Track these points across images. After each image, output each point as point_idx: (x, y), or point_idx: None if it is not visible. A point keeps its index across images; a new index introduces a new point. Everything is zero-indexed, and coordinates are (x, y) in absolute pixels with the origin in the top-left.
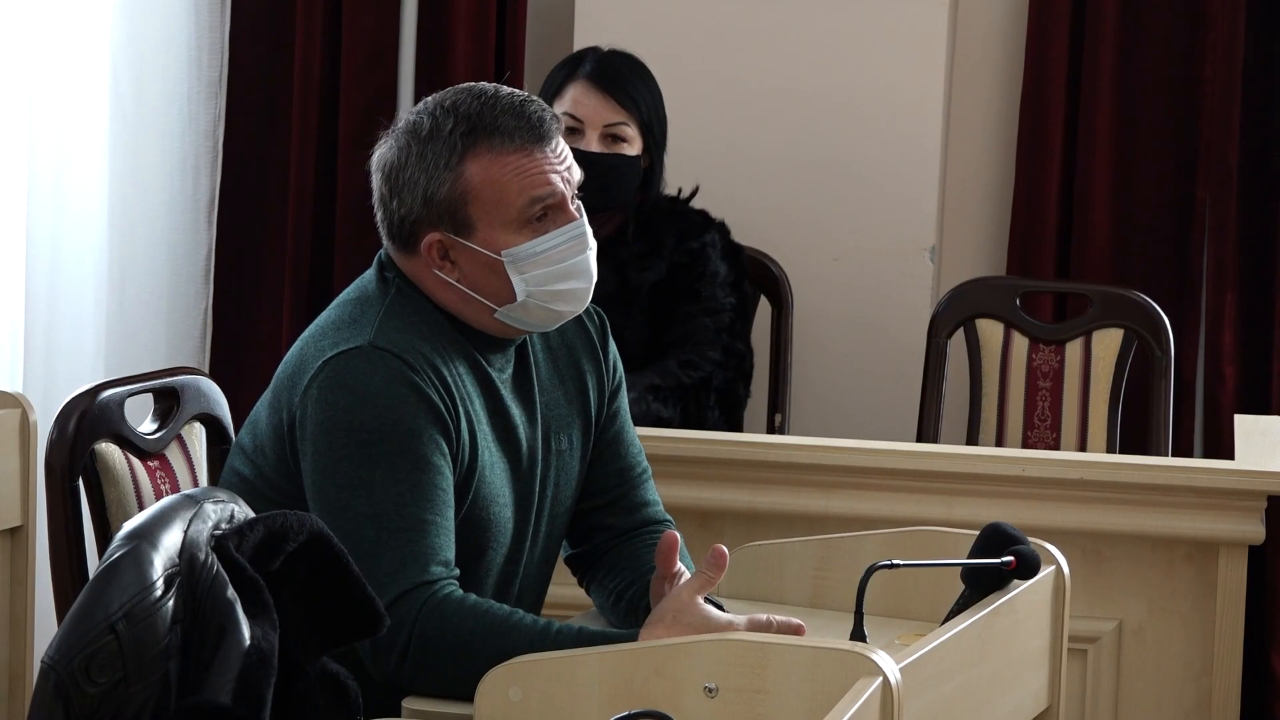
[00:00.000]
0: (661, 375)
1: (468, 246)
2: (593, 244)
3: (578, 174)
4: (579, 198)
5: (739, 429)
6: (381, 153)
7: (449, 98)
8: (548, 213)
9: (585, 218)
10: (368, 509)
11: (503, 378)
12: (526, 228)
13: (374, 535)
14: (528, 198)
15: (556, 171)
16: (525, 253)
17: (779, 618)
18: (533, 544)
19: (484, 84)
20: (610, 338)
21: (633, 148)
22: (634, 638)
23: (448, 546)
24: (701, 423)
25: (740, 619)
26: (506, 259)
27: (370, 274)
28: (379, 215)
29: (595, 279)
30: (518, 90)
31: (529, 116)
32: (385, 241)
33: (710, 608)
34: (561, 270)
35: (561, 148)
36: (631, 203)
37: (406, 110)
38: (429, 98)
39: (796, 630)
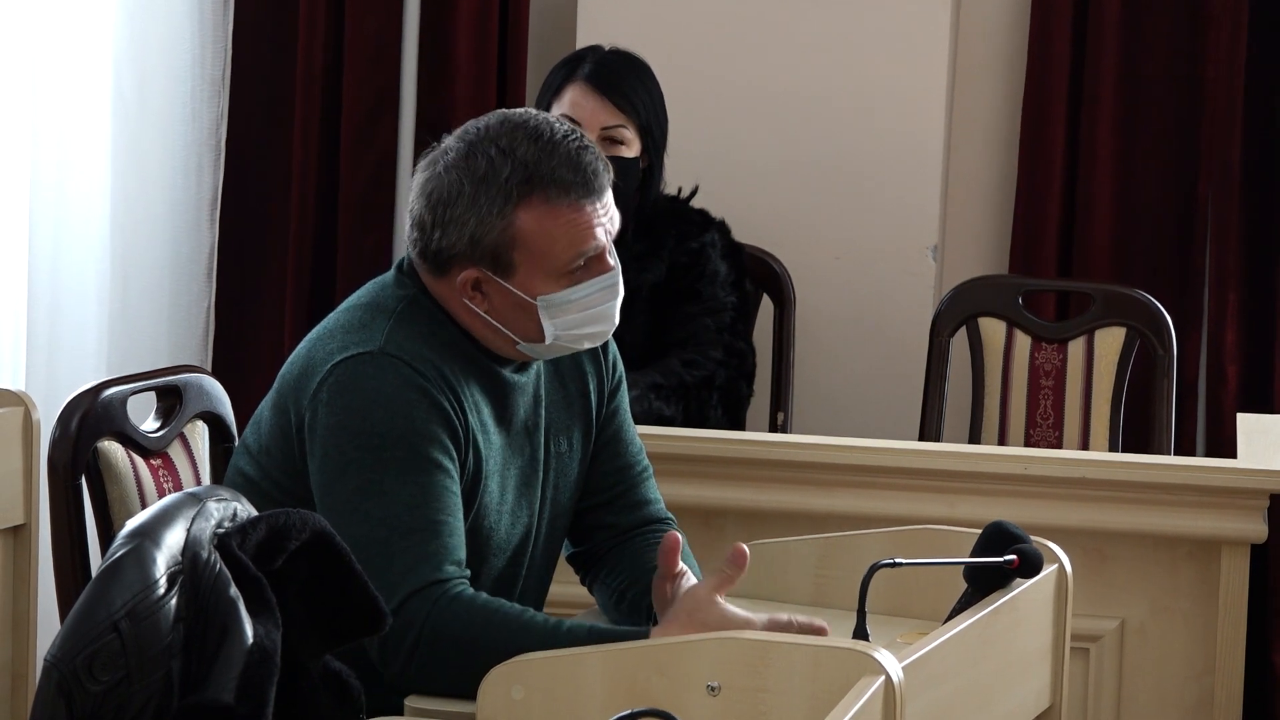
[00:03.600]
0: (664, 374)
1: (504, 286)
2: (621, 292)
3: (618, 222)
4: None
5: (742, 428)
6: (428, 178)
7: (504, 137)
8: (587, 263)
9: (619, 265)
10: (379, 512)
11: (510, 381)
12: (566, 277)
13: (386, 537)
14: (574, 252)
15: (602, 225)
16: (560, 300)
17: (801, 618)
18: (534, 546)
19: (540, 120)
20: (610, 338)
21: (631, 150)
22: (646, 635)
23: (459, 547)
24: (704, 421)
25: (760, 618)
26: (541, 304)
27: (389, 278)
28: (413, 234)
29: (616, 323)
30: (573, 131)
31: (584, 169)
32: (414, 258)
33: (727, 606)
34: (589, 316)
35: (608, 198)
36: (630, 204)
37: (409, 106)
38: (480, 124)
39: (819, 631)
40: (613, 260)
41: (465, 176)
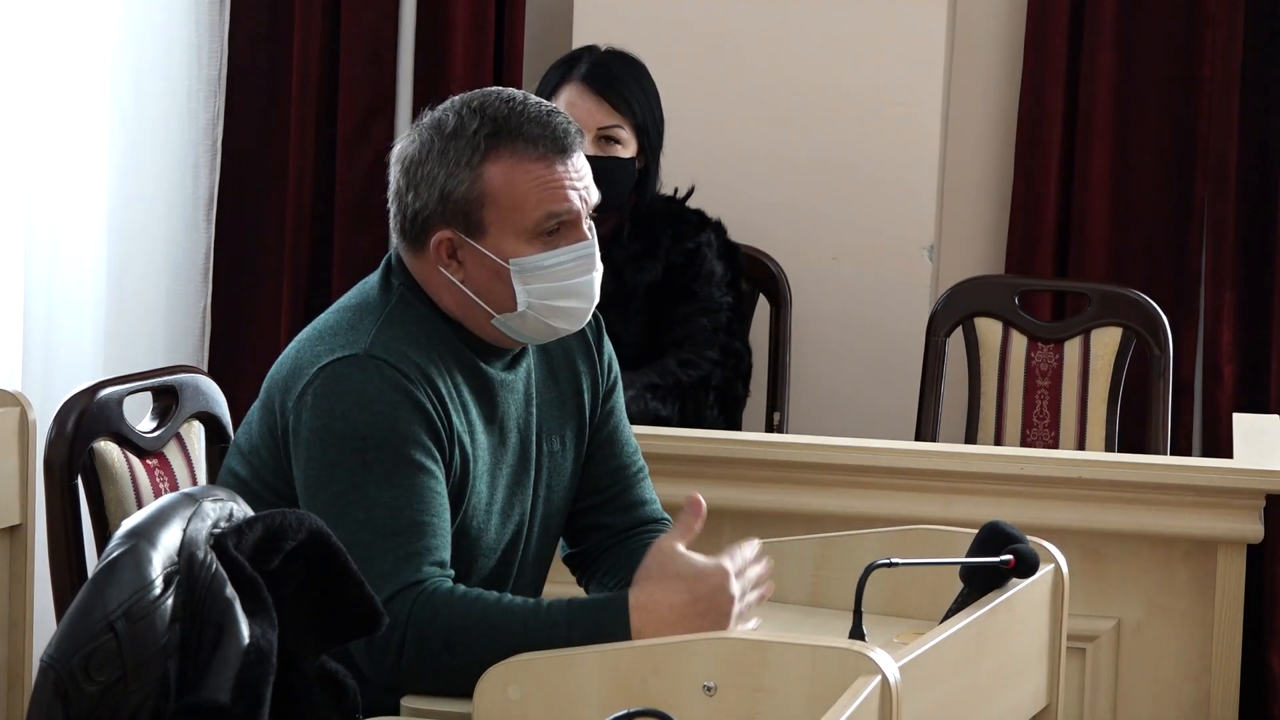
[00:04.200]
0: (660, 374)
1: (476, 249)
2: (599, 266)
3: (595, 195)
4: (591, 216)
5: (738, 428)
6: (402, 145)
7: (476, 99)
8: (560, 228)
9: (596, 239)
10: (363, 514)
11: (499, 380)
12: (537, 240)
13: (368, 539)
14: (544, 211)
15: (575, 188)
16: (532, 264)
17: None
18: (526, 546)
19: (513, 89)
20: (605, 338)
21: (627, 150)
22: (624, 599)
23: (442, 547)
24: (700, 422)
25: (716, 563)
26: (513, 268)
27: (374, 279)
28: (393, 209)
29: (596, 301)
30: (545, 101)
31: (554, 128)
32: (395, 238)
33: (694, 554)
34: (565, 288)
35: (582, 164)
36: (626, 204)
37: (405, 105)
38: (455, 97)
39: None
40: (590, 233)
41: (435, 134)
